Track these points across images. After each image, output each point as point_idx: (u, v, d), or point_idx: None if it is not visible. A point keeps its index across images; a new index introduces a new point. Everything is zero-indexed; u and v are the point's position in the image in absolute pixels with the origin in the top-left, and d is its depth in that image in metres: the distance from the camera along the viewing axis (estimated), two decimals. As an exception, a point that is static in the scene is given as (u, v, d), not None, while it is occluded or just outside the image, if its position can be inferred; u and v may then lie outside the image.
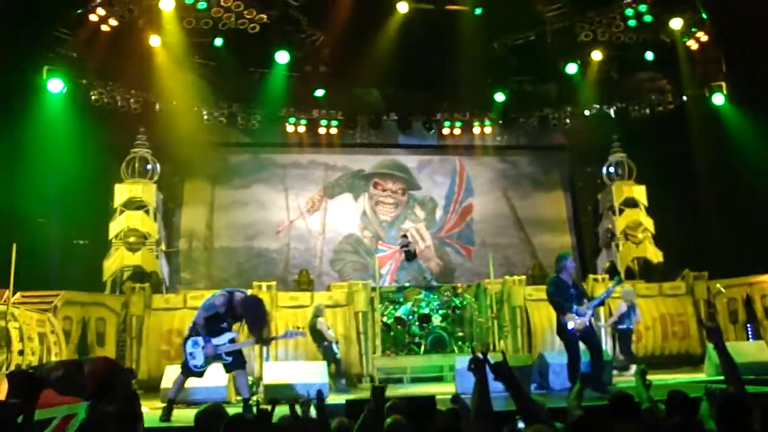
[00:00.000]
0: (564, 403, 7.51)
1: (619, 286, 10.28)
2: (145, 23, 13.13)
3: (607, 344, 12.97)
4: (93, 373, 4.07)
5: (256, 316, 7.84)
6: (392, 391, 9.81)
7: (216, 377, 8.36)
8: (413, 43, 13.85)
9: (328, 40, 14.30)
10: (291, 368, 10.20)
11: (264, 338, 8.14)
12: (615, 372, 10.81)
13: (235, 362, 7.98)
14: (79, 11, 12.62)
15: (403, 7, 13.52)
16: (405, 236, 14.78)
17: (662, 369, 12.02)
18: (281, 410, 4.56)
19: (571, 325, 8.63)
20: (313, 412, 4.65)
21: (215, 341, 7.77)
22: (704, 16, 14.09)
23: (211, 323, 7.84)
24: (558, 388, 9.99)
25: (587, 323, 8.83)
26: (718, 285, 13.37)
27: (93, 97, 13.76)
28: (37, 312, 10.32)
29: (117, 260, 13.82)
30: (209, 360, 7.84)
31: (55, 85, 12.86)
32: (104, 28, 12.74)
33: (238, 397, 10.08)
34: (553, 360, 10.40)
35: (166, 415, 7.62)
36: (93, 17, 12.61)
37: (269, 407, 4.39)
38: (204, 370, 7.89)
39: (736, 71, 14.38)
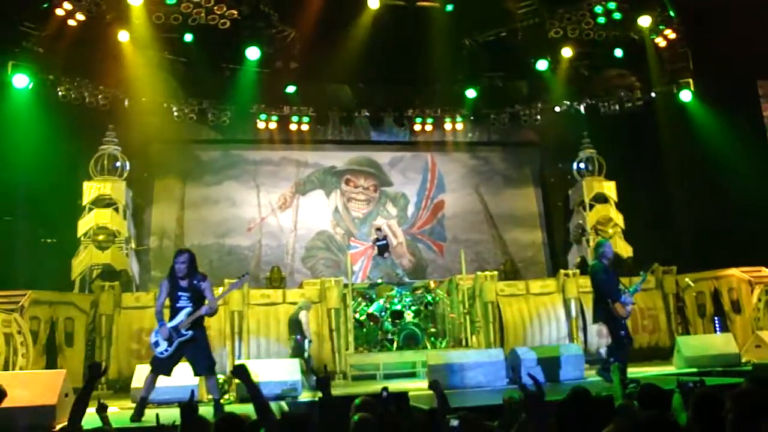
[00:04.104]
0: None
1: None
2: (113, 18, 12.93)
3: (578, 338, 13.13)
4: None
5: (186, 259, 7.72)
6: (365, 388, 9.84)
7: (186, 376, 8.26)
8: (385, 39, 13.83)
9: (300, 36, 14.24)
10: (263, 366, 10.13)
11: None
12: (586, 366, 10.92)
13: (200, 351, 7.78)
14: (45, 5, 12.38)
15: (374, 3, 13.49)
16: (379, 229, 14.96)
17: (632, 362, 12.13)
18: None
19: (621, 312, 8.76)
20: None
21: (171, 324, 7.65)
22: (672, 14, 14.28)
23: (171, 309, 7.74)
24: (530, 383, 10.04)
25: (629, 311, 8.99)
26: (686, 279, 13.55)
27: (60, 93, 13.50)
28: (3, 312, 10.12)
29: (86, 259, 13.63)
30: (171, 341, 7.66)
31: (21, 81, 12.59)
32: (71, 22, 12.52)
33: (210, 396, 10.04)
34: (524, 355, 10.46)
35: (138, 414, 7.50)
36: (59, 12, 12.38)
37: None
38: (170, 354, 7.68)
39: (703, 69, 14.58)
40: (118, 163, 14.36)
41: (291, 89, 15.62)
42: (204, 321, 7.95)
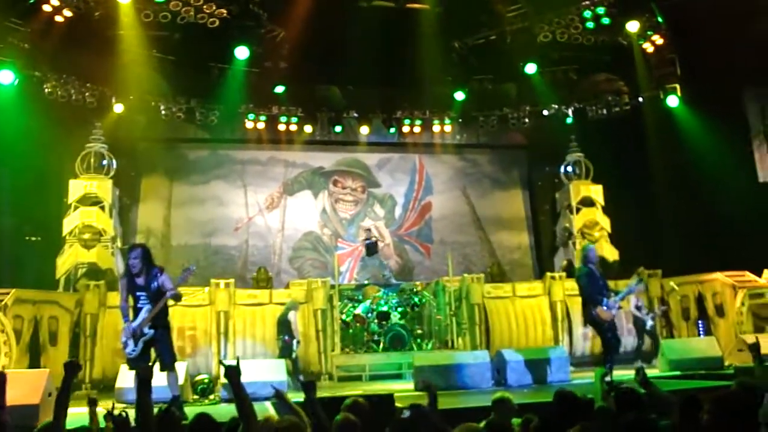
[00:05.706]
0: (524, 400, 7.61)
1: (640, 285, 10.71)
2: (102, 15, 12.82)
3: (563, 341, 13.18)
4: None
5: (138, 254, 7.73)
6: (351, 389, 9.82)
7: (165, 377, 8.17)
8: (374, 40, 13.80)
9: (289, 36, 14.18)
10: (249, 366, 10.09)
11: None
12: (572, 368, 10.98)
13: (164, 348, 7.72)
14: (32, 1, 12.28)
15: (364, 5, 13.49)
16: (369, 230, 14.97)
17: (616, 365, 12.18)
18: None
19: (604, 316, 8.87)
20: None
21: (134, 324, 7.59)
22: (660, 20, 14.35)
23: (133, 309, 7.70)
24: (515, 384, 10.11)
25: (614, 315, 9.13)
26: (671, 283, 13.65)
27: (47, 90, 13.38)
28: (-14, 311, 10.04)
29: (71, 257, 13.54)
30: (137, 340, 7.60)
31: (6, 77, 12.48)
32: (59, 19, 12.40)
33: (195, 396, 10.02)
34: (510, 357, 10.51)
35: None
36: (47, 8, 12.25)
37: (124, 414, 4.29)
38: (138, 354, 7.59)
39: (689, 74, 14.66)
40: (105, 161, 14.29)
41: (280, 89, 15.57)
42: (168, 319, 7.89)
